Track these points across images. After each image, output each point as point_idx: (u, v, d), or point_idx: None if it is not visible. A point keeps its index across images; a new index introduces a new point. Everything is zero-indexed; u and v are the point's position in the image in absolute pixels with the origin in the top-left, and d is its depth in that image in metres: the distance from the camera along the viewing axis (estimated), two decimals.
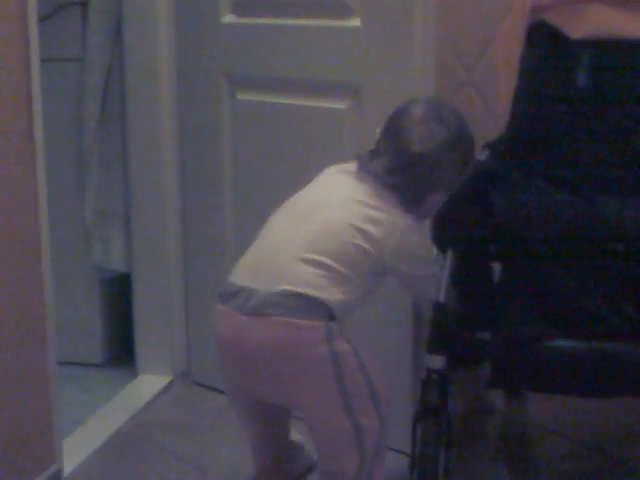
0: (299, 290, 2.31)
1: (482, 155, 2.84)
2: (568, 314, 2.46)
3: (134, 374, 3.57)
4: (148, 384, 3.49)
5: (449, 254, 2.57)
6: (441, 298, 2.51)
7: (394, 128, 2.47)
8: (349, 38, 2.87)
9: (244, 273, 2.42)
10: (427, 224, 2.59)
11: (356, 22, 2.84)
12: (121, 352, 3.72)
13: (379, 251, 2.40)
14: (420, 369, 2.62)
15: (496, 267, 2.67)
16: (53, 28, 3.38)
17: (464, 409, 2.99)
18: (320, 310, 2.32)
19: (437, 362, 2.52)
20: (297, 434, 2.75)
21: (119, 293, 3.68)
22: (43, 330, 2.68)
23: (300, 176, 2.61)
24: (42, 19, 3.01)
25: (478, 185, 2.64)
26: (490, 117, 3.27)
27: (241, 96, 3.17)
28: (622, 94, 2.88)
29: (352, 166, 2.54)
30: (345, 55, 2.88)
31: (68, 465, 2.85)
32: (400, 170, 2.44)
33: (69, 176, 3.54)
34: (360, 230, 2.38)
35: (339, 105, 2.93)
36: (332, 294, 2.34)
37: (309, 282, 2.32)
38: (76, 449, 2.97)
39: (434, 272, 2.51)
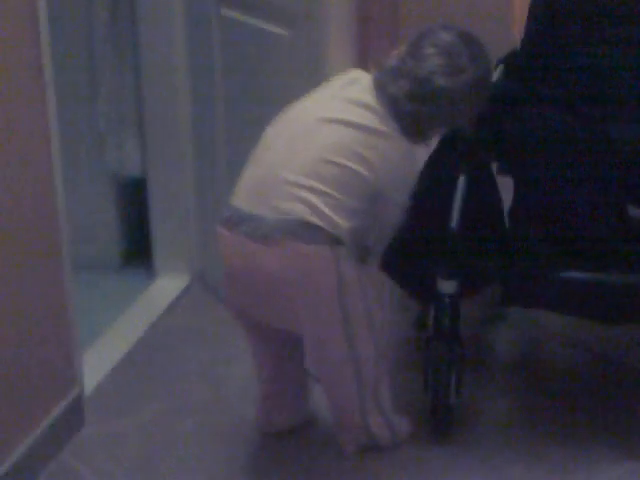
0: (305, 218, 2.32)
1: (496, 73, 2.82)
2: (579, 243, 2.49)
3: (152, 276, 3.64)
4: (166, 288, 3.56)
5: (461, 180, 2.59)
6: (453, 225, 2.54)
7: (422, 52, 2.37)
8: None
9: (248, 198, 2.41)
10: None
11: None
12: (139, 254, 3.76)
13: (374, 175, 2.36)
14: None
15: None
16: None
17: (475, 319, 3.03)
18: (325, 236, 2.33)
19: (449, 287, 2.58)
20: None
21: (135, 197, 3.71)
22: (57, 236, 2.67)
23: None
24: None
25: (490, 109, 2.63)
26: None
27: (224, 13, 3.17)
28: (636, 7, 2.83)
29: (364, 79, 2.45)
30: None
31: (89, 383, 2.92)
32: (418, 99, 2.36)
33: (82, 83, 3.52)
34: (357, 155, 2.35)
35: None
36: (333, 220, 2.33)
37: (313, 209, 2.32)
38: (96, 364, 3.04)
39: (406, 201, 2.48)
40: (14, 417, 2.54)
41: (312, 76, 2.78)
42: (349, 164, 2.35)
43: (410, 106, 2.37)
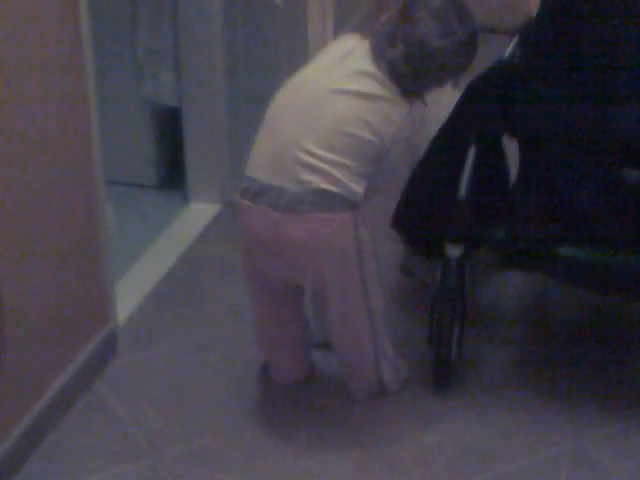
0: (324, 187, 2.49)
1: (512, 43, 2.92)
2: (578, 222, 2.63)
3: (186, 200, 3.83)
4: (198, 214, 3.75)
5: (471, 151, 2.72)
6: (461, 193, 2.69)
7: (413, 18, 2.52)
8: None
9: (267, 170, 2.56)
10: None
11: None
12: (174, 178, 3.94)
13: (381, 139, 2.53)
14: None
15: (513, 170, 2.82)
16: None
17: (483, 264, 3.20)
18: (344, 203, 2.52)
19: (455, 251, 2.75)
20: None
21: (171, 125, 3.87)
22: (91, 168, 2.83)
23: None
24: None
25: (502, 81, 2.75)
26: None
27: None
28: None
29: (361, 48, 2.57)
30: None
31: (121, 313, 3.14)
32: (416, 61, 2.52)
33: (121, 18, 3.66)
34: (365, 122, 2.51)
35: None
36: (350, 188, 2.51)
37: (330, 178, 2.49)
38: (129, 294, 3.26)
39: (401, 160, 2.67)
40: (52, 351, 2.76)
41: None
42: (359, 133, 2.51)
43: (408, 68, 2.52)
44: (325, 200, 2.51)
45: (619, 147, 2.61)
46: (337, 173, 2.50)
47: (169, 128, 3.90)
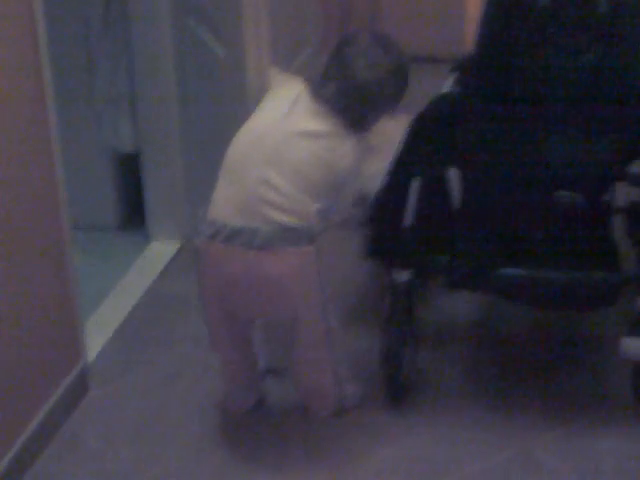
0: (291, 224, 2.71)
1: (450, 79, 3.14)
2: (516, 244, 2.85)
3: (147, 239, 4.02)
4: (159, 252, 3.95)
5: (416, 182, 2.93)
6: (407, 222, 2.90)
7: (343, 56, 2.76)
8: None
9: (236, 213, 2.75)
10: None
11: None
12: (135, 220, 4.13)
13: (336, 173, 2.75)
14: None
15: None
16: None
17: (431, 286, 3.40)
18: (308, 237, 2.74)
19: (403, 276, 2.95)
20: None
21: (130, 167, 4.06)
22: (58, 211, 2.98)
23: None
24: None
25: (443, 117, 2.97)
26: None
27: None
28: (579, 16, 3.13)
29: (301, 89, 2.80)
30: None
31: (91, 349, 3.30)
32: (349, 94, 2.75)
33: (79, 68, 3.85)
34: (321, 159, 2.73)
35: None
36: (313, 222, 2.74)
37: (298, 215, 2.71)
38: (98, 331, 3.42)
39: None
40: (26, 391, 2.89)
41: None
42: (316, 170, 2.73)
43: (344, 102, 2.75)
44: (293, 235, 2.73)
45: (553, 174, 2.84)
46: (301, 210, 2.72)
47: (128, 171, 4.09)
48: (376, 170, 3.03)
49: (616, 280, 2.81)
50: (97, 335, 3.41)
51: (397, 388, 3.04)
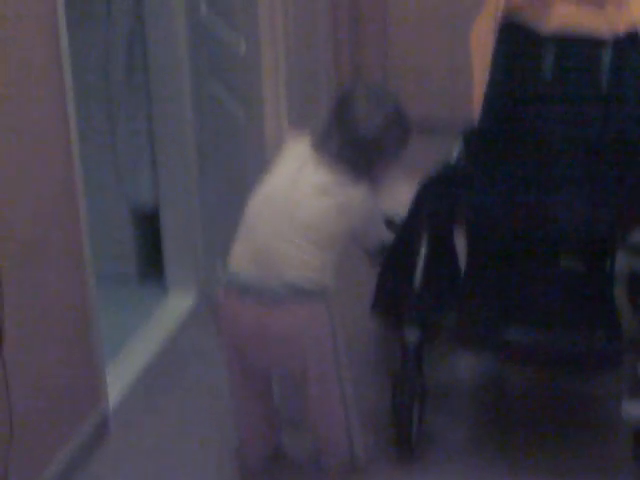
0: (304, 281, 2.82)
1: (456, 147, 3.30)
2: (521, 306, 2.99)
3: (165, 291, 4.17)
4: (177, 304, 4.09)
5: (424, 244, 3.08)
6: (416, 283, 3.04)
7: (343, 110, 2.89)
8: None
9: (249, 268, 2.87)
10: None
11: None
12: (153, 272, 4.28)
13: (350, 221, 2.87)
14: None
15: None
16: None
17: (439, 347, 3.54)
18: (321, 293, 2.85)
19: (413, 336, 3.08)
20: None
21: (149, 220, 4.22)
22: (82, 261, 3.15)
23: None
24: None
25: (449, 182, 3.13)
26: None
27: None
28: (581, 88, 3.30)
29: (308, 147, 2.92)
30: None
31: (112, 397, 3.44)
32: (355, 146, 2.86)
33: (102, 128, 4.03)
34: (332, 215, 2.84)
35: None
36: (327, 276, 2.85)
37: (310, 271, 2.82)
38: (116, 382, 3.56)
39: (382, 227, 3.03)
40: (49, 434, 3.04)
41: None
42: (333, 222, 2.84)
43: (351, 154, 2.86)
44: (303, 293, 2.83)
45: (556, 235, 2.99)
46: (313, 267, 2.82)
47: (148, 225, 4.25)
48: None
49: (618, 344, 2.92)
50: (117, 382, 3.55)
51: (407, 443, 3.16)
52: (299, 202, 2.86)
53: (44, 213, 2.95)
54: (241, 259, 2.92)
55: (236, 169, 3.62)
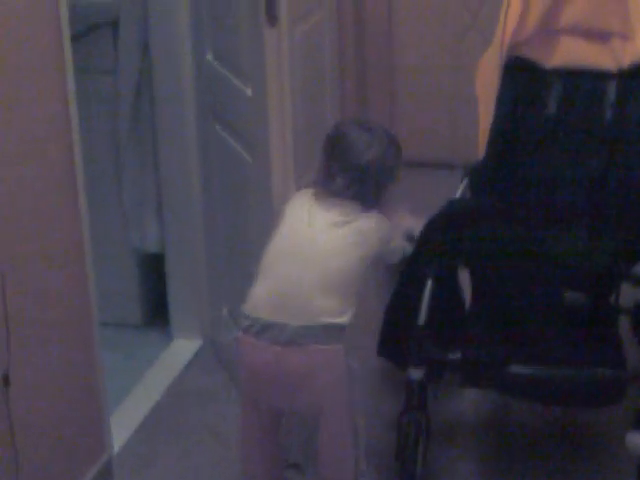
0: (322, 321, 2.84)
1: (462, 184, 3.32)
2: (525, 342, 2.98)
3: (169, 337, 4.17)
4: (181, 349, 4.09)
5: (429, 282, 3.07)
6: (421, 321, 3.03)
7: (337, 150, 2.96)
8: None
9: (269, 309, 2.89)
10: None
11: None
12: (158, 318, 4.28)
13: (371, 250, 2.93)
14: None
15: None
16: (88, 45, 3.83)
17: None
18: (338, 334, 2.86)
19: (417, 373, 3.07)
20: None
21: (154, 266, 4.23)
22: (88, 309, 3.15)
23: None
24: (78, 37, 3.49)
25: (454, 219, 3.13)
26: None
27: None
28: (585, 122, 3.31)
29: (311, 195, 2.99)
30: None
31: (116, 442, 3.42)
32: (359, 179, 2.93)
33: (108, 173, 4.06)
34: (352, 246, 2.89)
35: None
36: (346, 315, 2.86)
37: (328, 312, 2.84)
38: (122, 426, 3.55)
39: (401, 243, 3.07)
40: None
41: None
42: (349, 259, 2.88)
43: (352, 190, 2.92)
44: (321, 333, 2.84)
45: (559, 273, 2.98)
46: (332, 306, 2.84)
47: (153, 270, 4.26)
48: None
49: (622, 378, 2.91)
50: (121, 428, 3.53)
51: None
52: (315, 239, 2.91)
53: (50, 256, 2.95)
54: (260, 302, 2.93)
55: (242, 214, 3.63)
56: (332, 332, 2.84)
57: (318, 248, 2.90)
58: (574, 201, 3.22)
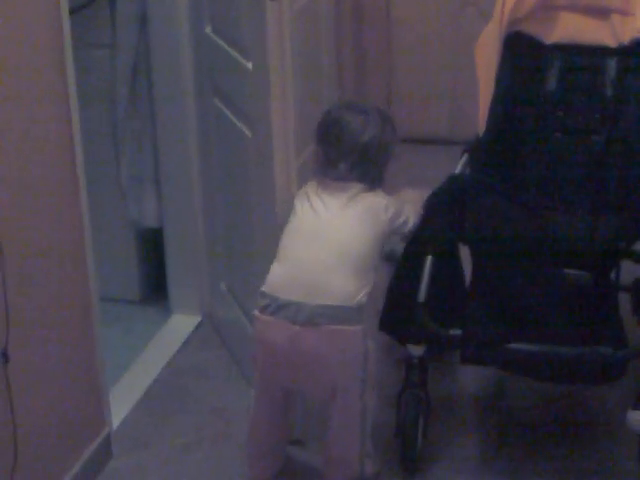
0: (339, 302, 2.84)
1: (461, 162, 3.30)
2: (526, 319, 2.97)
3: (168, 312, 4.15)
4: (180, 325, 4.07)
5: (429, 259, 3.06)
6: (421, 298, 3.03)
7: (333, 137, 2.97)
8: None
9: (287, 288, 2.88)
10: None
11: None
12: (157, 293, 4.27)
13: (383, 227, 2.94)
14: None
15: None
16: (86, 18, 3.79)
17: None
18: (356, 314, 2.86)
19: (418, 350, 3.07)
20: None
21: (153, 241, 4.22)
22: (86, 284, 3.14)
23: None
24: (76, 10, 3.46)
25: (454, 196, 3.12)
26: None
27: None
28: (585, 97, 3.29)
29: (315, 184, 3.01)
30: None
31: (115, 418, 3.42)
32: (360, 160, 2.94)
33: (106, 147, 4.02)
34: (365, 225, 2.91)
35: None
36: (363, 295, 2.87)
37: (345, 291, 2.85)
38: (121, 401, 3.54)
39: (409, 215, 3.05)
40: (55, 455, 3.03)
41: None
42: (363, 238, 2.90)
43: (355, 172, 2.95)
44: (339, 313, 2.84)
45: (561, 251, 2.98)
46: (348, 285, 2.84)
47: (151, 246, 4.24)
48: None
49: (622, 355, 2.91)
50: (120, 404, 3.52)
51: (412, 459, 3.14)
52: (330, 221, 2.93)
53: (48, 230, 2.94)
54: (278, 281, 2.93)
55: (241, 187, 3.62)
56: (349, 312, 2.84)
57: (333, 229, 2.92)
58: (575, 178, 3.20)
